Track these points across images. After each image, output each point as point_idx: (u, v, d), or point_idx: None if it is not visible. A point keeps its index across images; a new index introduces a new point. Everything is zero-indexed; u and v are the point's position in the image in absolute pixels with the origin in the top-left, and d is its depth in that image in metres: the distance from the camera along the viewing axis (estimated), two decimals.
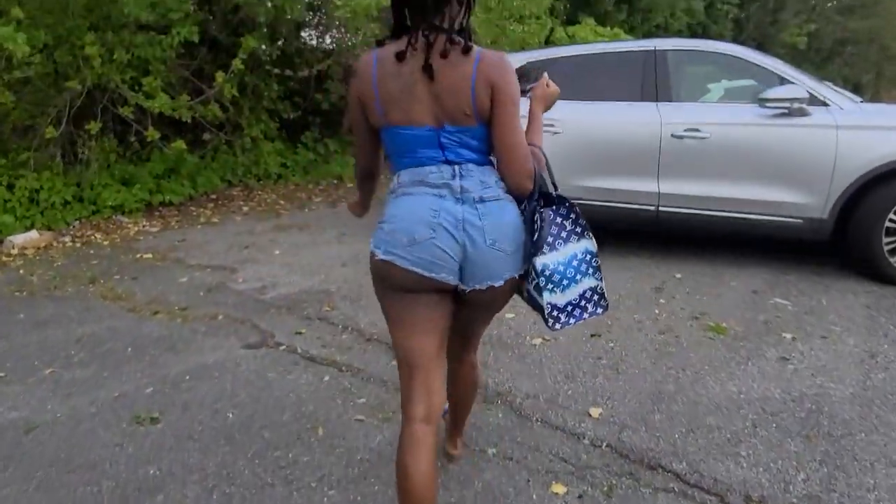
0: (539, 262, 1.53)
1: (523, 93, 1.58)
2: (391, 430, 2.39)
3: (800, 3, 22.62)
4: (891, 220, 3.84)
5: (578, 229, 1.59)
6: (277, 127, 8.63)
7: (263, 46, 7.95)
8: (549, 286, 1.54)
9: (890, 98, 22.62)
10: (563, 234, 1.57)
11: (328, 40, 9.40)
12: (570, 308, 1.59)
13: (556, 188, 1.66)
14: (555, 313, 1.57)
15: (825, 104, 4.00)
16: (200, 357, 3.08)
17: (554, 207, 1.58)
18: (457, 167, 1.50)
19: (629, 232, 5.07)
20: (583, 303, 1.61)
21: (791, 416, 2.43)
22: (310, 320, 3.54)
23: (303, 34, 9.31)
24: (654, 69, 4.43)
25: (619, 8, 15.84)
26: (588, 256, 1.60)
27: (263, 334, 3.35)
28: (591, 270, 1.61)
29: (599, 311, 1.64)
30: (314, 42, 9.52)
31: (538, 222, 1.53)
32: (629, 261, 4.52)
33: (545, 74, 1.85)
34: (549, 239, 1.54)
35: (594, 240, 1.61)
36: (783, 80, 4.12)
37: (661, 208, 4.37)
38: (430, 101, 1.46)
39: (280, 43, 8.25)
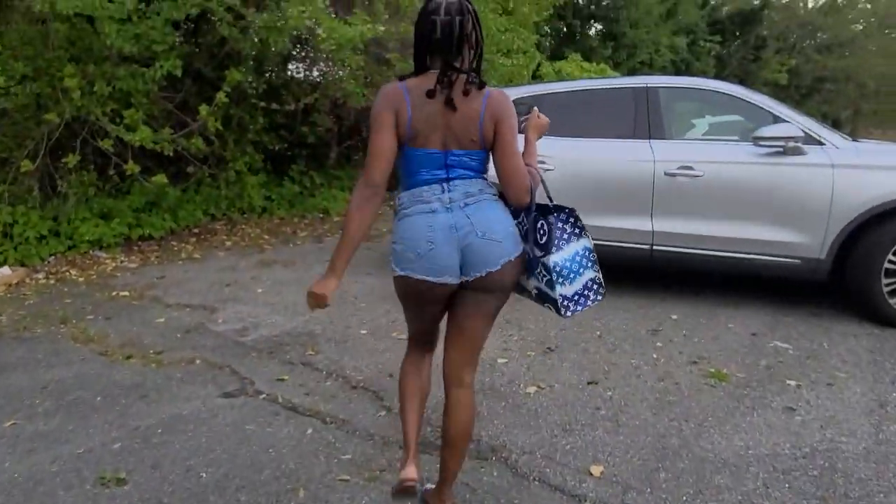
0: (550, 260, 1.81)
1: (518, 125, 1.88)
2: (378, 492, 2.22)
3: (780, 41, 23.14)
4: (890, 261, 3.76)
5: (577, 230, 1.88)
6: (263, 160, 8.51)
7: (250, 79, 7.89)
8: (560, 280, 1.82)
9: (867, 134, 23.03)
10: (566, 236, 1.86)
11: (315, 73, 9.36)
12: (576, 297, 1.87)
13: (551, 200, 1.91)
14: (566, 303, 1.85)
15: (820, 143, 3.96)
16: (174, 407, 2.89)
17: (555, 214, 1.85)
18: (445, 184, 1.80)
19: (623, 271, 4.96)
20: (586, 292, 1.89)
21: (804, 475, 2.29)
22: (292, 365, 3.36)
23: (290, 67, 9.26)
24: (646, 106, 4.37)
25: (605, 44, 16.09)
26: (587, 252, 1.89)
27: (243, 381, 3.17)
28: (590, 264, 1.90)
29: (599, 297, 1.92)
30: (301, 75, 9.48)
31: (543, 228, 1.84)
32: (623, 301, 4.40)
33: (535, 108, 2.13)
34: (557, 240, 1.83)
35: (590, 237, 1.91)
36: (777, 119, 4.08)
37: (655, 247, 4.27)
38: (444, 129, 1.77)
39: (266, 76, 8.18)
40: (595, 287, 1.91)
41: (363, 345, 3.63)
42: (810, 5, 26.58)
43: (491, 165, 1.87)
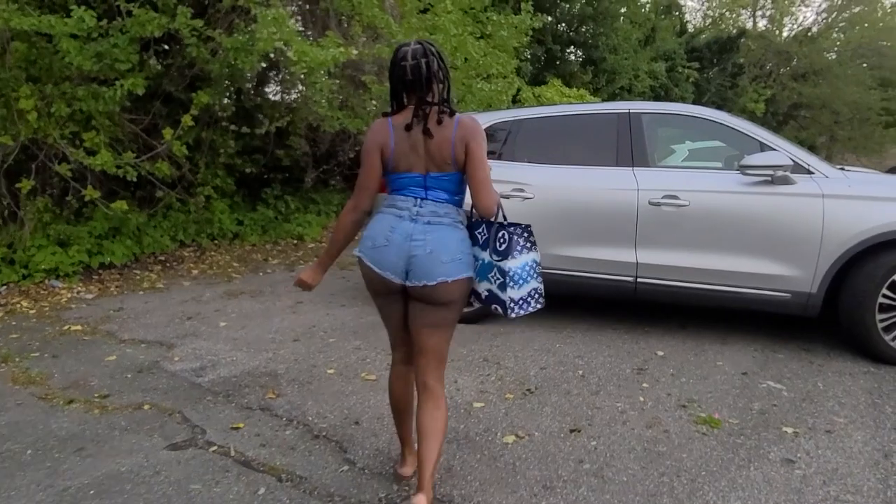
0: (506, 265, 2.07)
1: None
2: None
3: (757, 68, 23.50)
4: (884, 296, 3.59)
5: (529, 244, 2.14)
6: (236, 183, 8.26)
7: (225, 101, 7.65)
8: (511, 284, 2.07)
9: (842, 160, 23.34)
10: (520, 248, 2.11)
11: (294, 95, 9.15)
12: (521, 301, 2.12)
13: (505, 218, 2.15)
14: (512, 305, 2.09)
15: (809, 172, 3.81)
16: (113, 462, 2.59)
17: (512, 228, 2.12)
18: (420, 200, 2.07)
19: (605, 304, 4.76)
20: (529, 299, 2.14)
21: None
22: (250, 410, 3.08)
23: (267, 90, 9.06)
24: (629, 133, 4.20)
25: (585, 69, 16.10)
26: (535, 265, 2.16)
27: (193, 430, 2.88)
28: (536, 275, 2.16)
29: (539, 305, 2.17)
30: (278, 97, 9.26)
31: (504, 238, 2.09)
32: (606, 335, 4.19)
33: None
34: (514, 250, 2.08)
35: (539, 252, 2.19)
36: (764, 146, 3.93)
37: (639, 279, 4.07)
38: (424, 155, 2.05)
39: (238, 99, 7.96)
40: (537, 296, 2.17)
41: (329, 387, 3.36)
42: (784, 34, 27.14)
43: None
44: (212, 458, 2.63)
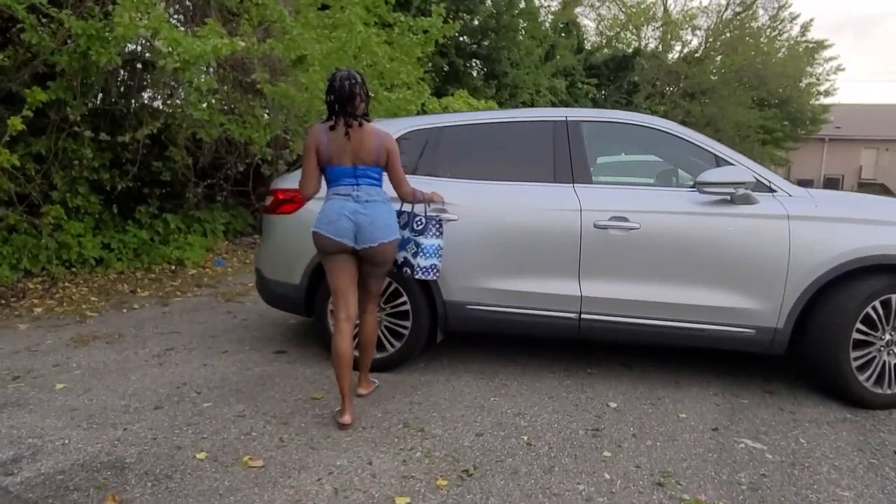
0: (420, 240, 3.09)
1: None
2: None
3: (650, 86, 24.36)
4: (858, 331, 3.17)
5: (439, 233, 3.15)
6: (104, 200, 7.03)
7: (77, 100, 6.45)
8: (421, 254, 3.08)
9: None
10: (432, 232, 3.12)
11: (174, 99, 7.99)
12: (425, 269, 3.11)
13: (426, 212, 3.16)
14: (418, 269, 3.10)
15: (771, 190, 3.35)
16: None
17: (429, 217, 3.13)
18: (356, 187, 2.86)
19: (537, 341, 4.13)
20: (431, 269, 3.14)
21: None
22: None
23: (145, 95, 7.86)
24: (567, 143, 3.61)
25: (488, 83, 15.81)
26: (440, 249, 3.17)
27: None
28: (439, 256, 3.17)
29: (436, 276, 3.19)
30: (158, 103, 8.06)
31: (420, 222, 3.12)
32: (545, 383, 3.54)
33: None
34: (427, 232, 3.11)
35: (443, 240, 3.23)
36: (720, 161, 3.45)
37: (583, 316, 3.46)
38: (351, 153, 2.84)
39: (104, 101, 6.78)
40: (435, 270, 3.16)
41: (197, 482, 2.47)
42: (672, 56, 28.43)
43: None
44: None
